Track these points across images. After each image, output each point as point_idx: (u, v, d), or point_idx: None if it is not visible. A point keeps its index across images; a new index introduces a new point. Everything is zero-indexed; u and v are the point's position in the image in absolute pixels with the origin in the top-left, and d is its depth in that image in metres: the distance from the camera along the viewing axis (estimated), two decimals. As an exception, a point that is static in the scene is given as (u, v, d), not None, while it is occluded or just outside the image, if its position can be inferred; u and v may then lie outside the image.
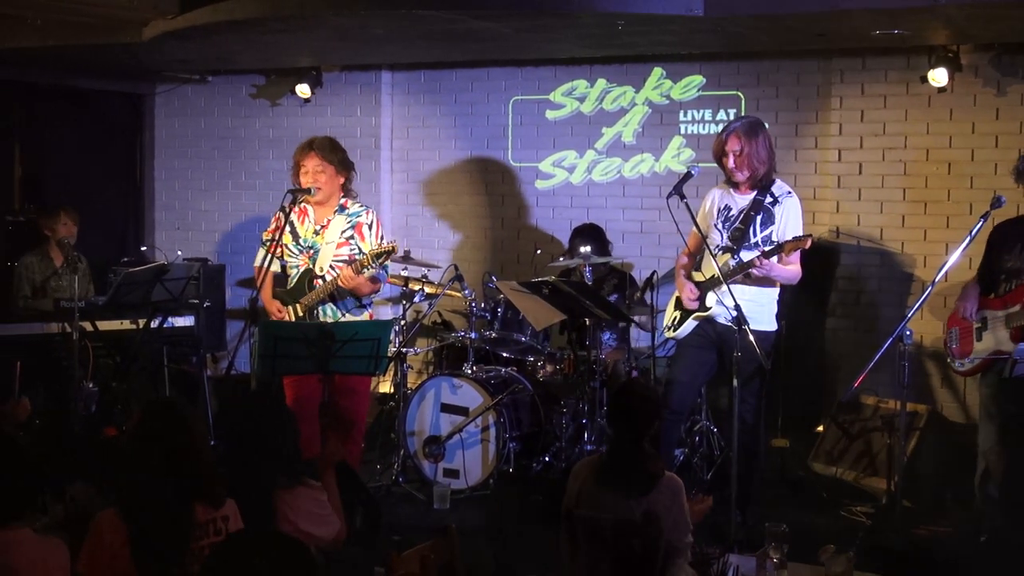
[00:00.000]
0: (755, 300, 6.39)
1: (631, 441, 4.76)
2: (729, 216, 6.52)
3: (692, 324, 6.59)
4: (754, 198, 6.47)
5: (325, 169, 6.65)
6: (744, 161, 6.41)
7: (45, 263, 8.53)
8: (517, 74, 9.37)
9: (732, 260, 6.38)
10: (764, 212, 6.44)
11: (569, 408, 7.52)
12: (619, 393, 5.03)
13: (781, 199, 6.46)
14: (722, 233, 6.50)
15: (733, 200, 6.55)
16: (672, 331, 6.71)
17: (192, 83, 10.43)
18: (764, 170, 6.45)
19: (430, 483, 7.37)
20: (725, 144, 6.46)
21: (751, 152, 6.41)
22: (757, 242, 6.41)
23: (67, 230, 8.53)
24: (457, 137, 9.64)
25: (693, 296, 6.57)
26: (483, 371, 7.61)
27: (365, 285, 6.57)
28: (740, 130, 6.45)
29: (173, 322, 8.33)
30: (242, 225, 10.36)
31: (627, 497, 4.64)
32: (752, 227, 6.44)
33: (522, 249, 9.41)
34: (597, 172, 9.14)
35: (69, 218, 8.58)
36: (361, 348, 5.97)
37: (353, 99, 9.89)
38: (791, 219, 6.44)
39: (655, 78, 8.90)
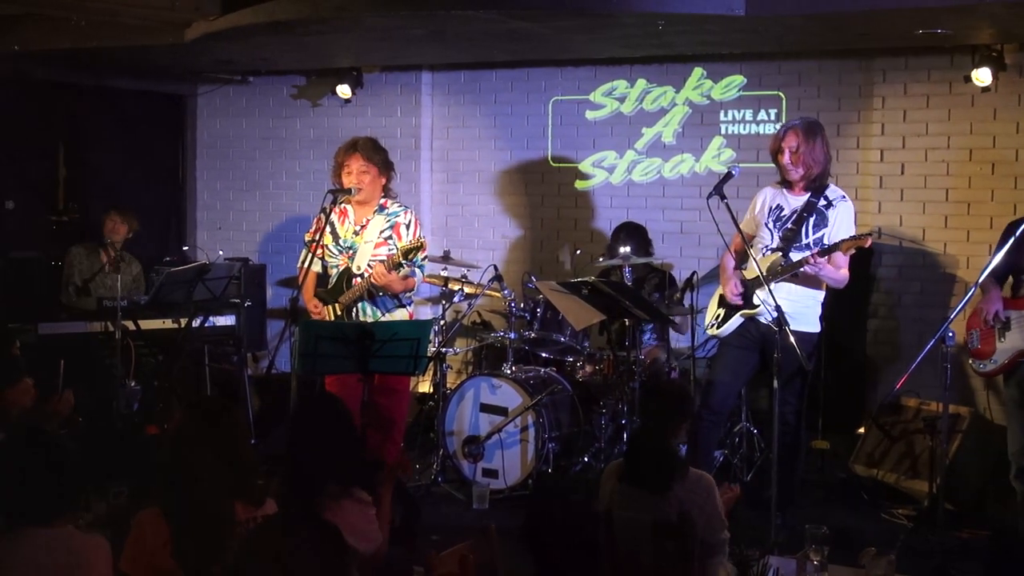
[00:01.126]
0: (800, 300, 6.36)
1: (652, 437, 4.75)
2: (781, 216, 6.48)
3: (737, 322, 6.55)
4: (808, 200, 6.43)
5: (369, 170, 6.66)
6: (800, 159, 6.37)
7: (92, 258, 8.60)
8: (557, 74, 9.36)
9: (783, 261, 6.34)
10: (817, 214, 6.40)
11: (608, 408, 7.50)
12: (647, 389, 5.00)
13: (835, 203, 6.41)
14: (773, 232, 6.46)
15: (786, 200, 6.51)
16: (715, 328, 6.67)
17: (233, 84, 10.49)
18: (819, 171, 6.41)
19: (469, 483, 7.37)
20: (782, 140, 6.42)
21: (807, 151, 6.37)
22: (809, 244, 6.37)
23: (111, 228, 8.61)
24: (497, 137, 9.65)
25: (737, 291, 6.52)
26: (522, 371, 7.60)
27: (397, 283, 6.58)
28: (799, 127, 6.42)
29: (214, 321, 8.38)
30: (283, 225, 10.41)
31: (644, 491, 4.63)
32: (804, 228, 6.40)
33: (561, 249, 9.39)
34: (637, 172, 9.12)
35: (118, 217, 8.65)
36: (401, 348, 5.97)
37: (393, 99, 9.92)
38: (844, 223, 6.39)
39: (695, 78, 8.87)
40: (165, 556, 3.85)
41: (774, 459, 6.02)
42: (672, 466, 4.68)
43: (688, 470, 4.73)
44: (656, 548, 4.53)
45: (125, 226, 8.69)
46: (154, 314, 8.08)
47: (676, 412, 4.84)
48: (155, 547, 3.86)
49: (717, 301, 6.74)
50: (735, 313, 6.55)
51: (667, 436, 4.74)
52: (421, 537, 5.95)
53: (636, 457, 4.80)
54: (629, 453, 4.87)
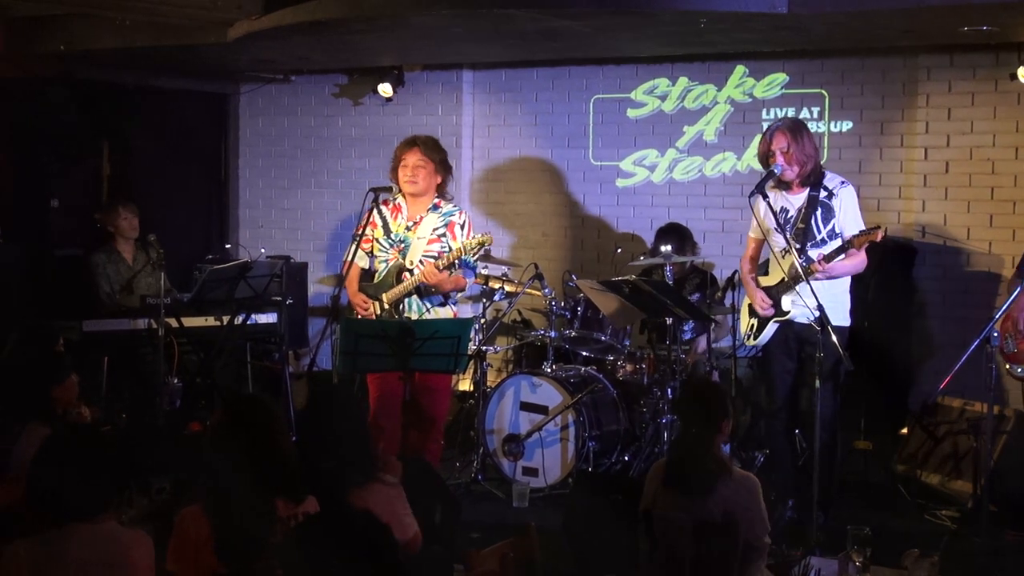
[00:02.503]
0: (826, 296, 6.31)
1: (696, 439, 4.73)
2: (788, 217, 6.46)
3: (772, 329, 6.52)
4: (808, 195, 6.42)
5: (425, 165, 6.72)
6: (793, 158, 6.36)
7: (115, 259, 8.65)
8: (598, 73, 9.35)
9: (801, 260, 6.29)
10: (822, 207, 6.39)
11: (649, 407, 7.49)
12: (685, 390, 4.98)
13: (836, 191, 6.40)
14: (785, 235, 6.43)
15: (788, 201, 6.49)
16: (752, 339, 6.65)
17: (276, 83, 10.54)
18: (812, 165, 6.41)
19: (509, 481, 7.38)
20: (771, 143, 6.42)
21: (798, 149, 6.36)
22: (824, 238, 6.35)
23: (128, 225, 8.66)
24: (538, 136, 9.65)
25: (767, 304, 6.51)
26: (563, 370, 7.60)
27: (447, 282, 6.59)
28: (784, 128, 6.43)
29: (256, 319, 8.42)
30: (324, 223, 10.46)
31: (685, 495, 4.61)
32: (814, 224, 6.38)
33: (602, 248, 9.39)
34: (678, 171, 9.10)
35: (128, 212, 8.69)
36: (441, 346, 5.98)
37: (434, 98, 9.94)
38: (849, 208, 6.39)
39: (737, 76, 8.83)
40: (207, 552, 3.87)
41: (815, 459, 5.99)
42: (715, 468, 4.65)
43: (732, 471, 4.71)
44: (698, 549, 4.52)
45: (136, 219, 8.73)
46: (196, 312, 8.13)
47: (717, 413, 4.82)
48: (197, 543, 3.89)
49: (748, 312, 6.72)
50: (767, 321, 6.52)
51: (709, 438, 4.71)
52: (461, 535, 5.96)
53: (678, 460, 4.78)
54: (672, 455, 4.85)
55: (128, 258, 8.71)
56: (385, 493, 4.45)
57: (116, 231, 8.69)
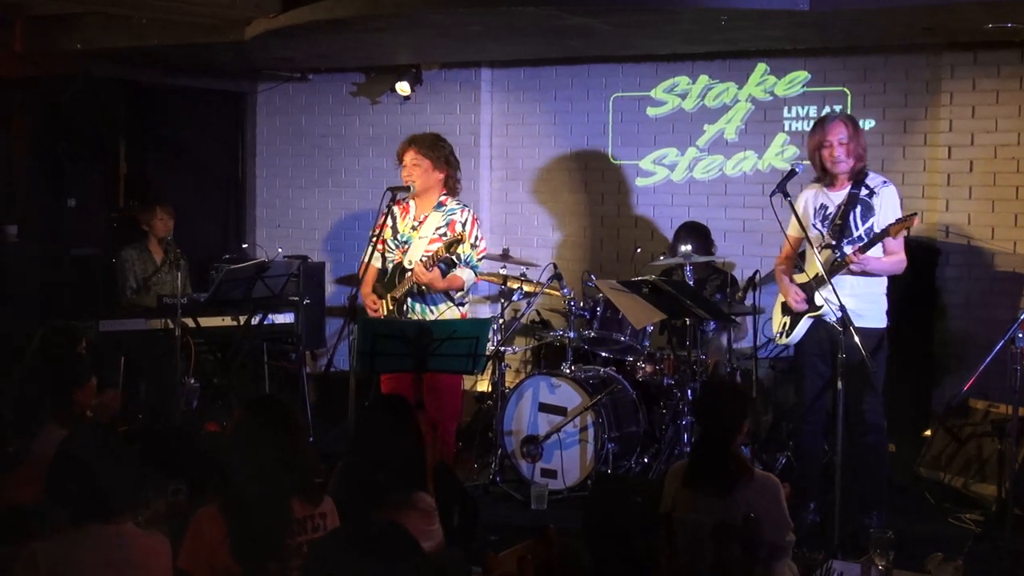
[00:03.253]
0: (863, 296, 6.29)
1: (716, 440, 4.73)
2: (827, 215, 6.43)
3: (805, 326, 6.48)
4: (849, 192, 6.39)
5: (420, 163, 6.75)
6: (851, 150, 6.32)
7: (144, 257, 8.70)
8: (617, 71, 9.34)
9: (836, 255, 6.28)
10: (862, 204, 6.35)
11: (669, 409, 7.48)
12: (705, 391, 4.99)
13: (877, 189, 6.35)
14: (822, 232, 6.41)
15: (828, 198, 6.46)
16: (784, 337, 6.61)
17: (293, 81, 10.56)
18: (864, 162, 6.38)
19: (527, 483, 7.38)
20: (828, 133, 6.35)
21: (855, 141, 6.33)
22: (860, 235, 6.32)
23: (164, 225, 8.71)
24: (557, 134, 9.64)
25: (799, 299, 6.47)
26: (582, 370, 7.60)
27: (438, 281, 6.61)
28: (843, 118, 6.39)
29: (273, 319, 8.44)
30: (342, 223, 10.47)
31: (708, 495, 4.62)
32: (852, 221, 6.34)
33: (622, 247, 9.38)
34: (699, 170, 9.08)
35: (165, 213, 8.75)
36: (459, 347, 5.99)
37: (453, 96, 9.94)
38: (890, 208, 6.34)
39: (759, 74, 8.81)
40: (223, 554, 3.88)
41: (837, 462, 5.96)
42: (736, 469, 4.66)
43: (753, 473, 4.71)
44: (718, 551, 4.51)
45: (172, 220, 8.80)
46: (213, 311, 8.15)
47: (737, 413, 4.82)
48: (213, 545, 3.90)
49: (780, 309, 6.68)
50: (801, 318, 6.49)
51: (730, 438, 4.72)
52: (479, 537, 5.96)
53: (700, 460, 4.78)
54: (692, 456, 4.86)
55: (157, 258, 8.75)
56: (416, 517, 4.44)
57: (151, 230, 8.76)
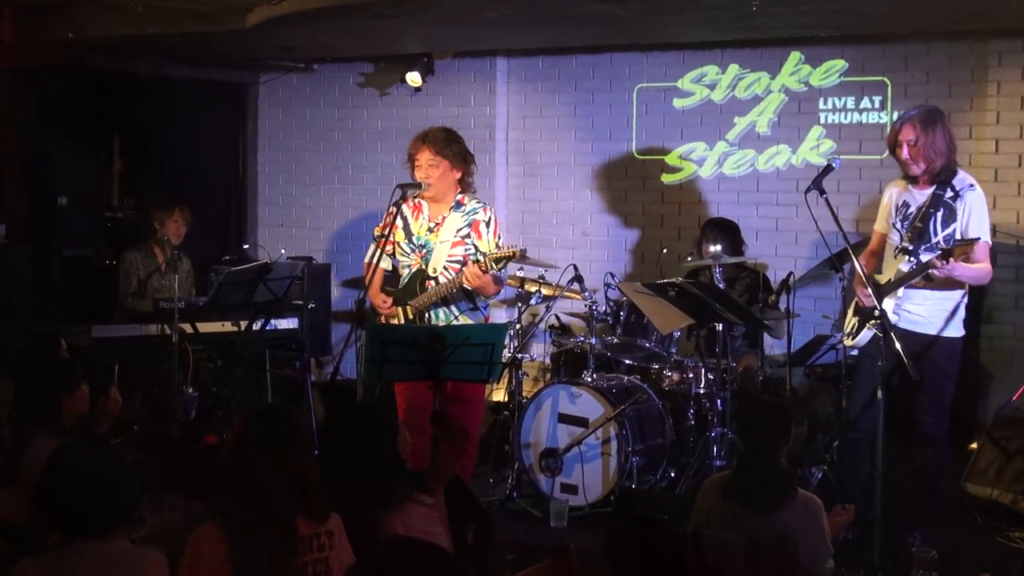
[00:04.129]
0: (939, 303, 6.26)
1: (763, 455, 4.74)
2: (908, 214, 6.39)
3: (869, 333, 6.42)
4: (933, 193, 6.34)
5: (438, 164, 6.63)
6: (919, 152, 6.28)
7: (148, 260, 8.68)
8: (642, 60, 9.33)
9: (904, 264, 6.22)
10: (944, 208, 6.29)
11: (697, 420, 7.47)
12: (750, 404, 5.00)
13: (962, 193, 6.29)
14: (901, 233, 6.38)
15: (912, 196, 6.43)
16: (851, 339, 6.58)
17: (297, 72, 10.58)
18: (942, 163, 6.30)
19: (546, 499, 7.37)
20: (899, 133, 6.33)
21: (927, 143, 6.27)
22: (939, 242, 6.26)
23: (176, 229, 8.64)
24: (577, 128, 9.64)
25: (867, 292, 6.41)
26: (604, 379, 7.59)
27: (490, 286, 6.55)
28: (916, 119, 6.32)
29: (276, 324, 8.45)
30: (349, 222, 10.49)
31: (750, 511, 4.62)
32: (932, 225, 6.30)
33: (646, 248, 9.37)
34: (729, 165, 9.07)
35: (183, 216, 8.71)
36: (474, 353, 5.97)
37: (466, 87, 9.95)
38: (974, 214, 6.26)
39: (792, 63, 8.80)
40: (224, 573, 3.88)
41: (878, 476, 5.94)
42: (784, 485, 4.66)
43: (797, 491, 4.71)
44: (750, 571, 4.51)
45: (186, 227, 8.75)
46: (213, 316, 8.16)
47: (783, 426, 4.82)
48: (213, 564, 3.89)
49: (855, 309, 6.65)
50: (866, 323, 6.45)
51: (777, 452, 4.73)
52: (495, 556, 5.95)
53: (746, 475, 4.78)
54: (737, 468, 4.86)
55: (160, 261, 8.72)
56: (421, 513, 4.45)
57: (160, 230, 8.65)
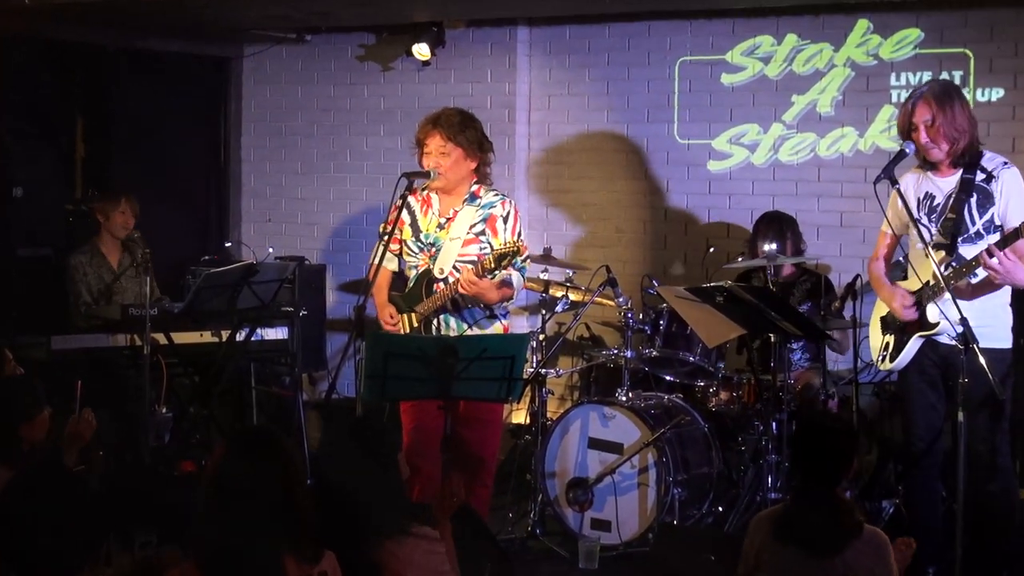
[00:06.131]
0: (983, 310, 6.22)
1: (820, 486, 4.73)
2: (934, 205, 6.38)
3: (914, 348, 6.40)
4: (961, 178, 6.33)
5: (450, 151, 6.63)
6: (939, 132, 6.27)
7: (98, 262, 8.70)
8: (685, 29, 9.32)
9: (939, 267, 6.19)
10: (978, 192, 6.29)
11: (748, 446, 7.46)
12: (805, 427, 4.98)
13: (996, 172, 6.28)
14: (929, 228, 6.36)
15: (934, 185, 6.42)
16: (887, 362, 6.53)
17: (287, 43, 10.60)
18: (965, 141, 6.29)
19: (574, 537, 7.37)
20: (912, 115, 6.32)
21: (946, 121, 6.26)
22: (979, 231, 6.26)
23: (123, 221, 8.70)
24: (610, 108, 9.64)
25: (909, 303, 6.39)
26: (641, 398, 7.59)
27: (491, 291, 6.54)
28: (930, 96, 6.31)
29: (263, 334, 8.47)
30: (347, 217, 10.50)
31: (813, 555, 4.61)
32: (967, 214, 6.30)
33: (690, 246, 9.36)
34: (785, 151, 9.05)
35: (129, 207, 8.76)
36: (491, 368, 5.97)
37: (482, 61, 9.95)
38: (1014, 196, 6.25)
39: (859, 33, 8.78)
40: (202, 620, 3.89)
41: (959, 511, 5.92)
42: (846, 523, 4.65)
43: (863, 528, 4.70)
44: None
45: (134, 219, 8.79)
46: (190, 325, 8.18)
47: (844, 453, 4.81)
48: (189, 610, 3.91)
49: (879, 326, 6.62)
50: (908, 337, 6.41)
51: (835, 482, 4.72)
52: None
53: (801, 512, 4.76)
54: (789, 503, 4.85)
55: (113, 261, 8.76)
56: (423, 548, 4.46)
57: (105, 223, 8.73)
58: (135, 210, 8.80)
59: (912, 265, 6.41)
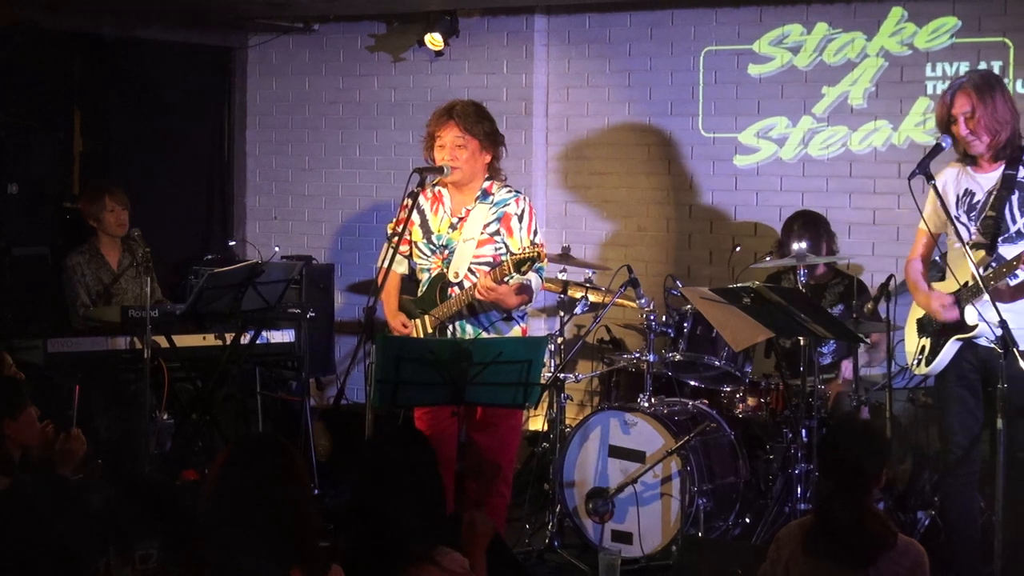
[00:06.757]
0: (1016, 310, 6.22)
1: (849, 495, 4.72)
2: (974, 203, 6.36)
3: (951, 351, 6.37)
4: (1003, 174, 6.31)
5: (467, 144, 6.61)
6: (980, 124, 6.24)
7: (97, 263, 8.69)
8: (711, 17, 9.32)
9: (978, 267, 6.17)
10: (1020, 190, 6.26)
11: (777, 454, 7.45)
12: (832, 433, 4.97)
13: None
14: (968, 226, 6.34)
15: (974, 181, 6.39)
16: (923, 366, 6.51)
17: (294, 33, 10.61)
18: (1007, 133, 6.27)
19: (594, 549, 7.35)
20: (951, 106, 6.29)
21: (986, 113, 6.23)
22: (1020, 230, 6.24)
23: (116, 219, 8.67)
24: (632, 100, 9.63)
25: (948, 301, 6.37)
26: (664, 404, 7.58)
27: (510, 296, 6.52)
28: (969, 86, 6.28)
29: (268, 337, 8.47)
30: (356, 214, 10.51)
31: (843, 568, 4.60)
32: (1008, 211, 6.28)
33: (716, 245, 9.35)
34: (815, 145, 9.04)
35: (116, 203, 8.71)
36: (507, 372, 5.98)
37: (498, 51, 9.95)
38: None
39: (893, 21, 8.76)
40: (204, 637, 3.89)
41: (997, 523, 5.91)
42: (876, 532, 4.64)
43: (897, 538, 4.69)
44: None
45: (126, 212, 8.74)
46: (192, 328, 8.18)
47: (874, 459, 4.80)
48: (192, 625, 3.91)
49: (915, 328, 6.60)
50: (946, 340, 6.39)
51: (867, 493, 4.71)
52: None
53: (829, 524, 4.75)
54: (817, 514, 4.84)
55: (112, 261, 8.74)
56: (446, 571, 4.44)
57: (99, 226, 8.71)
58: (124, 202, 8.73)
59: (949, 266, 6.38)
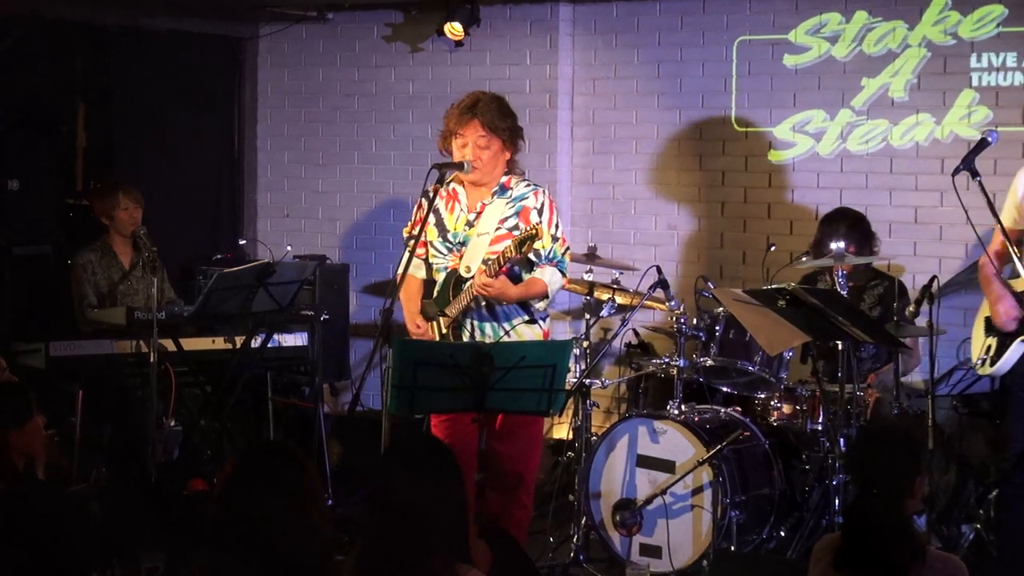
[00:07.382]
0: None
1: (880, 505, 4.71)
2: None
3: (1017, 352, 6.37)
4: None
5: (490, 143, 6.60)
6: None
7: (109, 261, 8.71)
8: (744, 5, 9.32)
9: None
10: None
11: (813, 464, 7.43)
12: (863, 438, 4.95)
13: None
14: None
15: None
16: (988, 366, 6.52)
17: (307, 22, 10.63)
18: None
19: (622, 563, 7.36)
20: None
21: None
22: None
23: (129, 217, 8.69)
24: (661, 92, 9.63)
25: (1014, 314, 6.36)
26: (695, 412, 7.57)
27: (510, 289, 6.52)
28: None
29: (280, 340, 8.49)
30: (372, 211, 10.52)
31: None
32: None
33: (750, 245, 9.34)
34: (854, 139, 9.02)
35: (130, 200, 8.74)
36: (530, 378, 5.97)
37: (521, 41, 9.96)
38: None
39: (936, 9, 8.74)
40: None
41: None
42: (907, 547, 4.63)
43: (928, 551, 4.67)
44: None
45: (140, 210, 8.76)
46: (201, 330, 8.21)
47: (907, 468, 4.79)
48: (199, 641, 3.91)
49: (983, 327, 6.60)
50: (1012, 341, 6.39)
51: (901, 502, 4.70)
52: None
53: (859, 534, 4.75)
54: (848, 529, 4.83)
55: (125, 260, 8.75)
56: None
57: (111, 224, 8.73)
58: (138, 200, 8.77)
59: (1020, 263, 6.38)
